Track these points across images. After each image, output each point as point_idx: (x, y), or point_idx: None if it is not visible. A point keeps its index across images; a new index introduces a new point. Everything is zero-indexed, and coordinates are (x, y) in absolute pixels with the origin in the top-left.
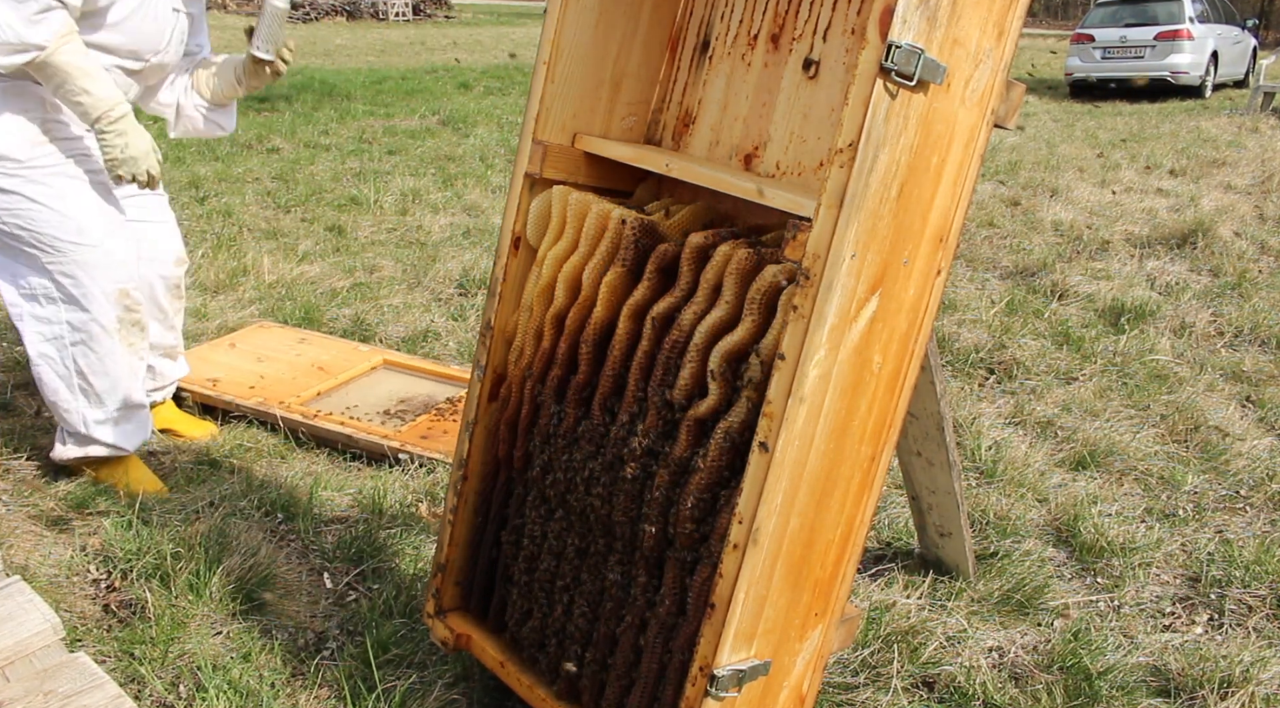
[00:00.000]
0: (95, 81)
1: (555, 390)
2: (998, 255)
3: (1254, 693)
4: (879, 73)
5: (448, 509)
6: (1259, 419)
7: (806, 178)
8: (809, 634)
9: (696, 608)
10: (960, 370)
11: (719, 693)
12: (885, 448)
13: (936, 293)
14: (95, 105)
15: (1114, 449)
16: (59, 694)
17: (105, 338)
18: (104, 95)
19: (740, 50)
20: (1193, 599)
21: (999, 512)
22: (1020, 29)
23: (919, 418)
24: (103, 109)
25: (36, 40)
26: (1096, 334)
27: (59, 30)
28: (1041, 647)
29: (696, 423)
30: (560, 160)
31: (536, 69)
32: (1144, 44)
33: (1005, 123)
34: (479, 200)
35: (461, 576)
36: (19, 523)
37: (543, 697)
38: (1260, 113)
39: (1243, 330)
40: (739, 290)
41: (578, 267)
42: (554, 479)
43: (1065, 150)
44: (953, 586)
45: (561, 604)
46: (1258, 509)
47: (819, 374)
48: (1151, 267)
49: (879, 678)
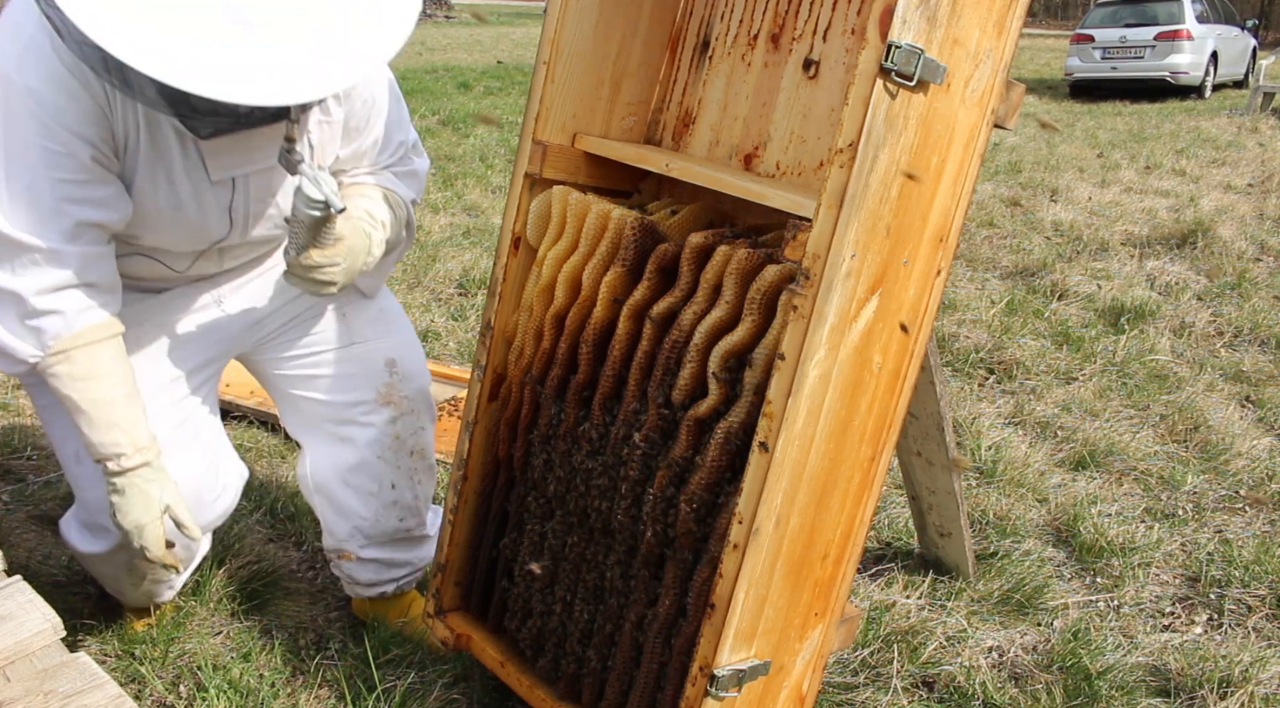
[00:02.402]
0: (92, 421)
1: (555, 390)
2: (998, 255)
3: (1253, 693)
4: (879, 73)
5: (448, 509)
6: (1258, 419)
7: (806, 178)
8: (809, 634)
9: (696, 608)
10: (960, 370)
11: (719, 693)
12: (885, 448)
13: (937, 293)
14: (91, 448)
15: (1114, 449)
16: (59, 694)
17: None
18: (103, 440)
19: (740, 50)
20: (1192, 599)
21: (999, 512)
22: (1020, 29)
23: (919, 418)
24: (99, 455)
25: (21, 353)
26: (1096, 334)
27: (51, 345)
28: (1041, 647)
29: (696, 423)
30: (560, 160)
31: (536, 69)
32: (1144, 44)
33: (1005, 123)
34: (479, 200)
35: (461, 576)
36: (20, 523)
37: (543, 697)
38: (1260, 113)
39: (1242, 330)
40: (739, 290)
41: (578, 267)
42: (554, 479)
43: (1065, 150)
44: (953, 585)
45: (561, 604)
46: (1257, 509)
47: (819, 374)
48: (1151, 267)
49: (879, 678)
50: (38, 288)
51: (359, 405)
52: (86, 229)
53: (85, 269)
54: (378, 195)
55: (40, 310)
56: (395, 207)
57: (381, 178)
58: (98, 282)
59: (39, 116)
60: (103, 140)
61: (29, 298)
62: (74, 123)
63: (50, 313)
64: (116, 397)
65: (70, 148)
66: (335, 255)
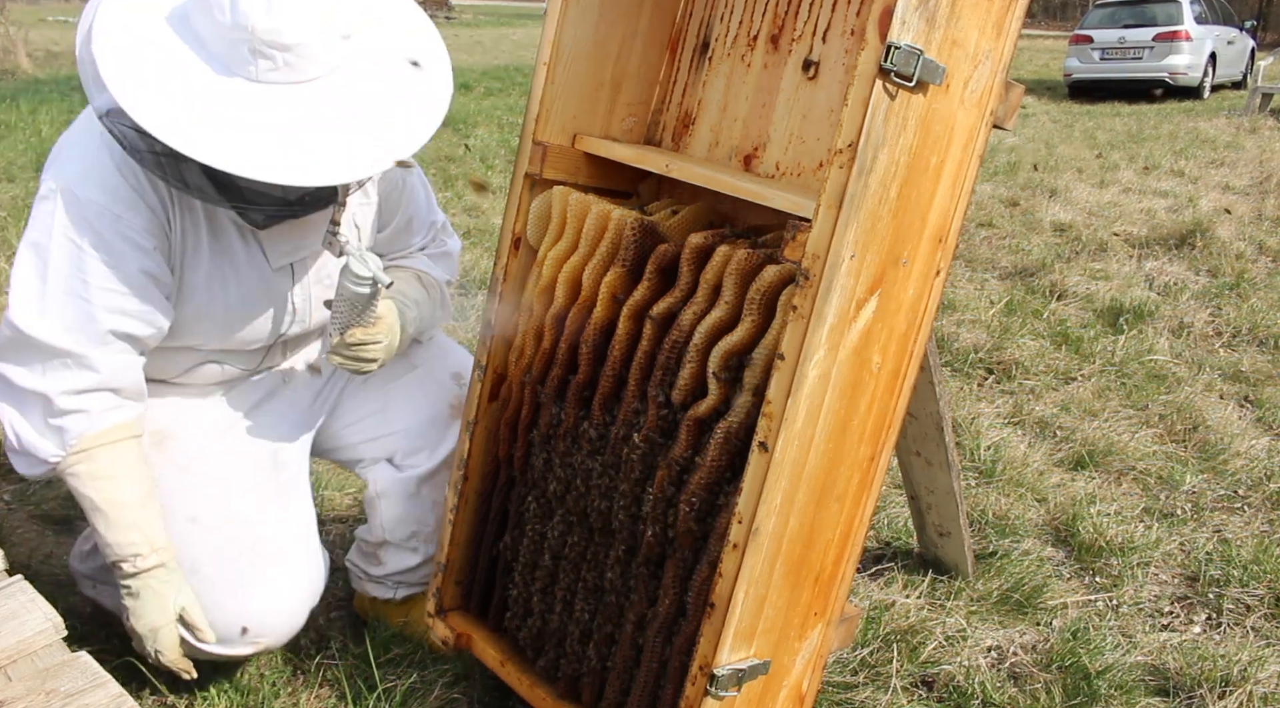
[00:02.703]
0: (110, 521)
1: (555, 390)
2: (997, 255)
3: (1251, 692)
4: (878, 73)
5: (448, 509)
6: (1257, 419)
7: (806, 178)
8: (808, 634)
9: (696, 608)
10: (959, 370)
11: (719, 692)
12: (884, 448)
13: (936, 293)
14: (107, 549)
15: (1112, 449)
16: (60, 693)
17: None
18: (119, 540)
19: (740, 51)
20: (1191, 599)
21: (998, 511)
22: (1019, 30)
23: (918, 418)
24: (115, 556)
25: (42, 453)
26: (1095, 334)
27: (73, 444)
28: (1040, 646)
29: (696, 423)
30: (560, 161)
31: (536, 70)
32: (1143, 45)
33: (1004, 123)
34: (479, 201)
35: (462, 575)
36: (21, 523)
37: (543, 696)
38: (1258, 114)
39: (1241, 330)
40: (739, 291)
41: (578, 267)
42: (554, 479)
43: (1064, 151)
44: (952, 585)
45: (562, 604)
46: (1256, 509)
47: (818, 374)
48: (1150, 267)
49: (878, 677)
50: (64, 389)
51: (434, 426)
52: (120, 339)
53: (114, 376)
54: (410, 276)
55: (65, 410)
56: (429, 287)
57: (416, 261)
58: (124, 388)
59: (94, 226)
60: (157, 249)
61: (55, 398)
62: (128, 232)
63: (75, 412)
64: (135, 497)
65: (118, 259)
66: (378, 333)
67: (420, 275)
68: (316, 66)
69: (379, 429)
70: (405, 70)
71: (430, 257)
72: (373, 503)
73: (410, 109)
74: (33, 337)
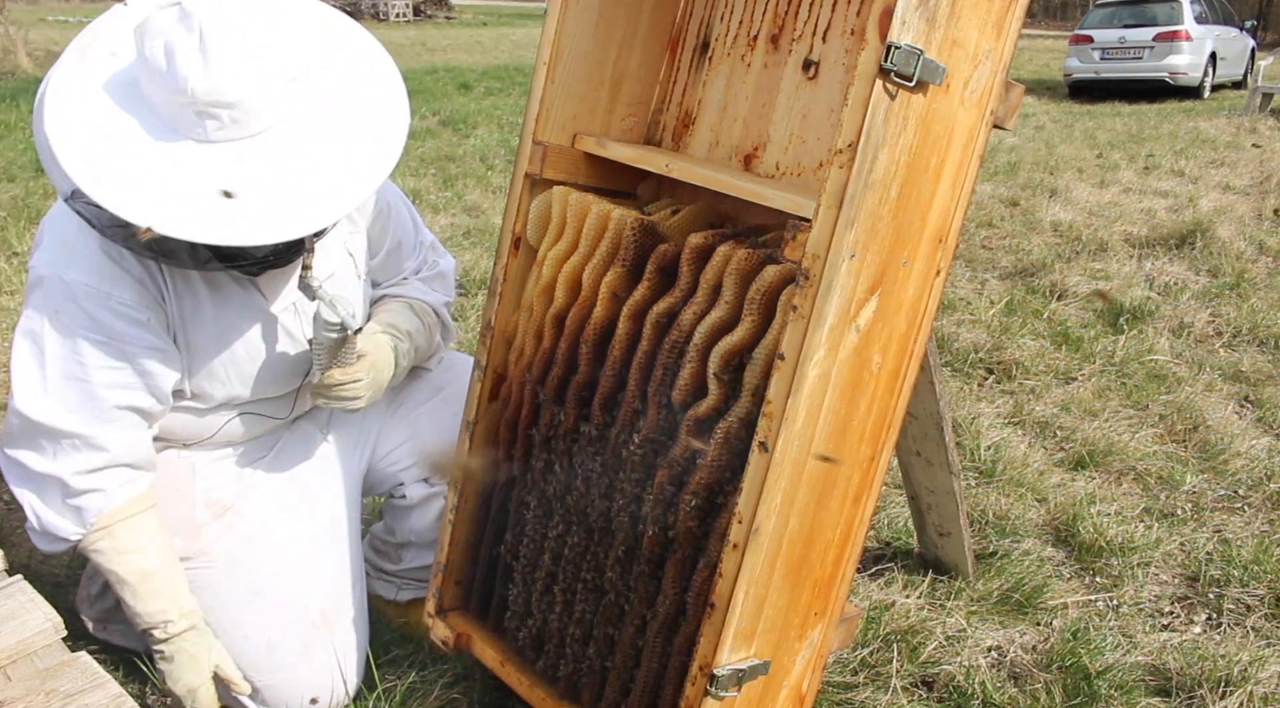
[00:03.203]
0: (137, 593)
1: (555, 390)
2: (997, 255)
3: (1252, 692)
4: (878, 73)
5: (448, 509)
6: (1257, 419)
7: (806, 178)
8: (808, 634)
9: (696, 608)
10: (959, 370)
11: (719, 693)
12: (885, 448)
13: (936, 293)
14: (137, 618)
15: (1113, 449)
16: (60, 693)
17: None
18: (149, 609)
19: (740, 51)
20: (1191, 599)
21: (998, 511)
22: (1019, 30)
23: (918, 418)
24: (146, 624)
25: (63, 532)
26: (1095, 334)
27: (93, 522)
28: (1040, 646)
29: (696, 423)
30: (560, 161)
31: (536, 70)
32: (1143, 45)
33: (1004, 123)
34: (479, 201)
35: (462, 575)
36: (21, 523)
37: (543, 697)
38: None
39: (1241, 330)
40: (739, 291)
41: (578, 267)
42: (554, 479)
43: (1064, 151)
44: (952, 585)
45: (561, 604)
46: (1256, 509)
47: (818, 374)
48: (1150, 267)
49: (878, 678)
50: (76, 470)
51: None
52: (125, 413)
53: (124, 451)
54: (401, 307)
55: (81, 490)
56: (422, 314)
57: (409, 288)
58: (136, 461)
59: (84, 308)
60: (152, 320)
61: (69, 480)
62: (119, 308)
63: (91, 491)
64: (159, 566)
65: (113, 336)
66: (357, 372)
67: (412, 304)
68: (264, 119)
69: (413, 455)
70: (358, 100)
71: (424, 280)
72: (404, 511)
73: (367, 146)
74: (39, 422)
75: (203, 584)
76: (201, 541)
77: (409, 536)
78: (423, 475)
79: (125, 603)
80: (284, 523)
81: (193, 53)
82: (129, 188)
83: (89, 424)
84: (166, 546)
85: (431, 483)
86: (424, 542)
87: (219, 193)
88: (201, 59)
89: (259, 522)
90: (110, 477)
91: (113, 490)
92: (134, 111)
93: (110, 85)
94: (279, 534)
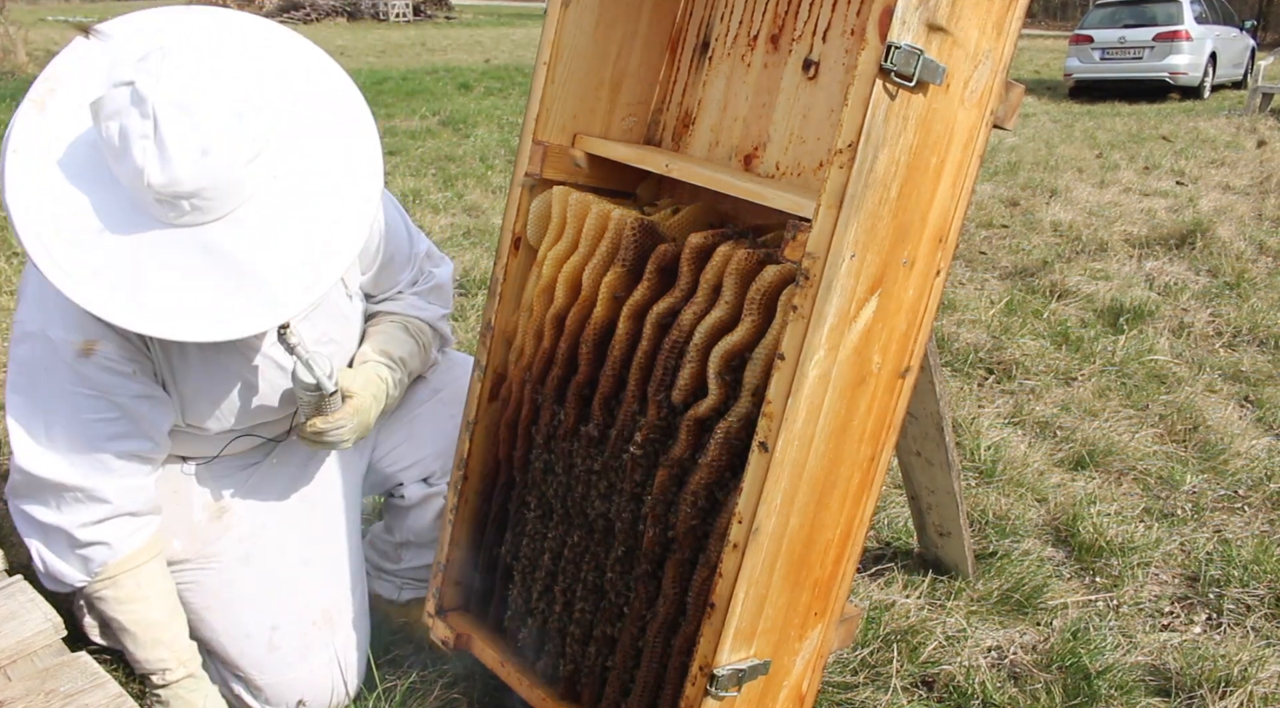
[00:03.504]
0: (138, 640)
1: (555, 391)
2: (997, 255)
3: (1252, 692)
4: (878, 73)
5: (448, 509)
6: (1257, 419)
7: (806, 178)
8: (808, 634)
9: (696, 608)
10: (960, 370)
11: (719, 693)
12: (885, 448)
13: (936, 293)
14: (136, 664)
15: (1113, 449)
16: (60, 693)
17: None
18: (148, 657)
19: (740, 51)
20: (1191, 599)
21: (998, 511)
22: (1019, 30)
23: (918, 418)
24: (144, 670)
25: (68, 579)
26: (1095, 334)
27: (98, 572)
28: (1040, 646)
29: (696, 423)
30: (560, 161)
31: (536, 70)
32: (1143, 45)
33: (1004, 123)
34: (479, 200)
35: (461, 575)
36: None
37: (543, 697)
38: (1259, 113)
39: (1241, 330)
40: (739, 290)
41: (578, 267)
42: (554, 479)
43: (1064, 151)
44: (952, 585)
45: (561, 604)
46: (1256, 509)
47: (818, 374)
48: (1150, 267)
49: (878, 678)
50: (81, 522)
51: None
52: (123, 461)
53: (126, 501)
54: (396, 329)
55: (86, 542)
56: (417, 334)
57: (405, 305)
58: (139, 510)
59: (70, 364)
60: (138, 371)
61: (74, 531)
62: (104, 363)
63: (96, 544)
64: (161, 616)
65: (101, 389)
66: (339, 420)
67: (408, 325)
68: (228, 202)
69: (411, 456)
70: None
71: (420, 294)
72: (403, 511)
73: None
74: (41, 477)
75: (202, 585)
76: (199, 542)
77: (408, 535)
78: (422, 475)
79: (125, 648)
80: (284, 523)
81: (148, 142)
82: (91, 277)
83: (89, 476)
84: (169, 592)
85: (430, 483)
86: (423, 542)
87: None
88: (157, 152)
89: (258, 523)
90: (114, 528)
91: (117, 543)
92: (98, 187)
93: (74, 149)
94: (279, 535)
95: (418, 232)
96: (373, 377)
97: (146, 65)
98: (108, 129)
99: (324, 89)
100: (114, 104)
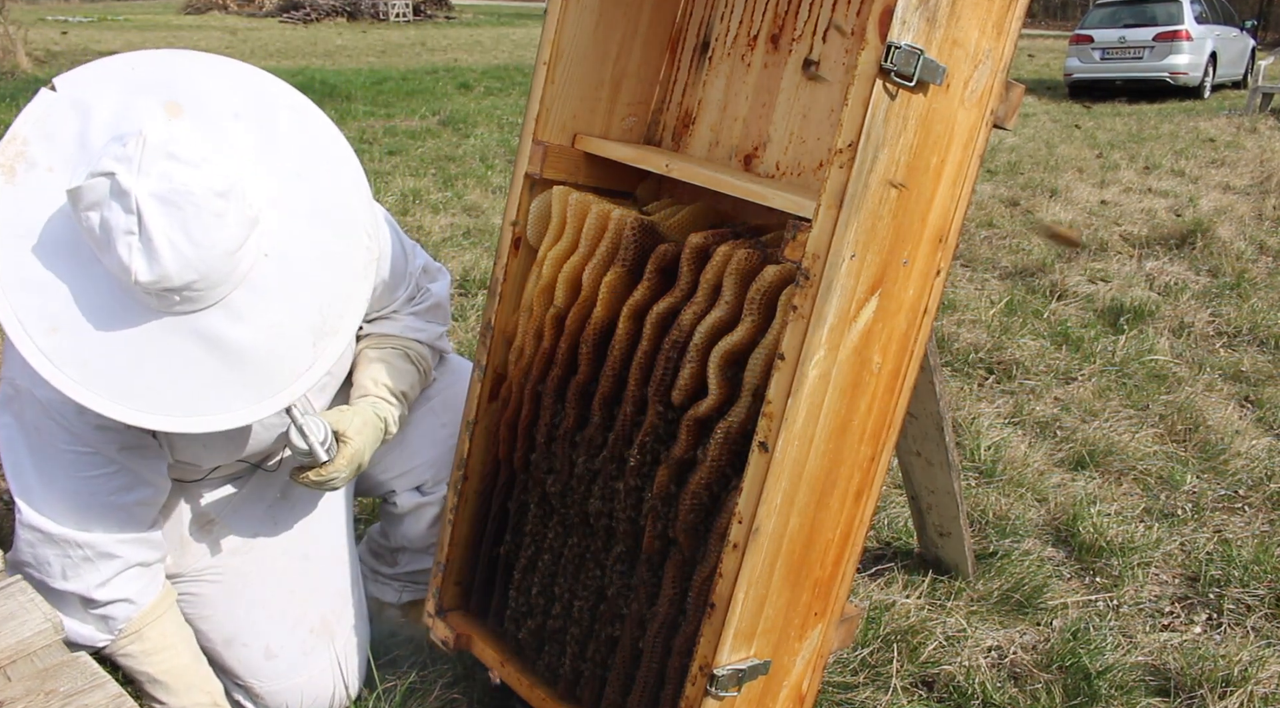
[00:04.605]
0: (170, 689)
1: (555, 390)
2: (997, 255)
3: (1252, 692)
4: (878, 73)
5: (448, 509)
6: (1257, 419)
7: (806, 178)
8: (808, 634)
9: (696, 608)
10: (960, 370)
11: (719, 693)
12: (885, 448)
13: (936, 293)
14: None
15: (1113, 449)
16: (60, 693)
17: None
18: (186, 704)
19: (740, 51)
20: (1191, 599)
21: (998, 511)
22: (1020, 29)
23: (918, 418)
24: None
25: (91, 640)
26: (1095, 334)
27: (122, 628)
28: (1040, 646)
29: (696, 423)
30: (560, 161)
31: (536, 70)
32: (1143, 45)
33: (1004, 123)
34: (479, 200)
35: (462, 575)
36: None
37: (543, 697)
38: (1259, 113)
39: (1241, 330)
40: (739, 290)
41: (578, 267)
42: (554, 479)
43: (1064, 151)
44: (952, 585)
45: (561, 604)
46: (1256, 509)
47: (818, 374)
48: (1150, 267)
49: (878, 678)
50: (95, 583)
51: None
52: (129, 511)
53: (135, 553)
54: (397, 358)
55: (105, 601)
56: (418, 361)
57: (404, 327)
58: (148, 559)
59: (60, 423)
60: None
61: (90, 594)
62: (94, 419)
63: (116, 602)
64: (189, 660)
65: (95, 445)
66: (333, 471)
67: (409, 352)
68: (220, 290)
69: (404, 464)
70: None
71: (416, 314)
72: (396, 518)
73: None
74: (50, 533)
75: (197, 597)
76: (191, 555)
77: (402, 541)
78: (413, 484)
79: (154, 699)
80: (276, 532)
81: (133, 239)
82: (79, 368)
83: (95, 532)
84: (190, 636)
85: (423, 492)
86: (417, 548)
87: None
88: (143, 249)
89: (250, 533)
90: (130, 582)
91: (136, 596)
92: (80, 271)
93: (53, 225)
94: (271, 544)
95: (413, 246)
96: (371, 417)
97: (125, 154)
98: (88, 219)
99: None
100: (93, 195)
